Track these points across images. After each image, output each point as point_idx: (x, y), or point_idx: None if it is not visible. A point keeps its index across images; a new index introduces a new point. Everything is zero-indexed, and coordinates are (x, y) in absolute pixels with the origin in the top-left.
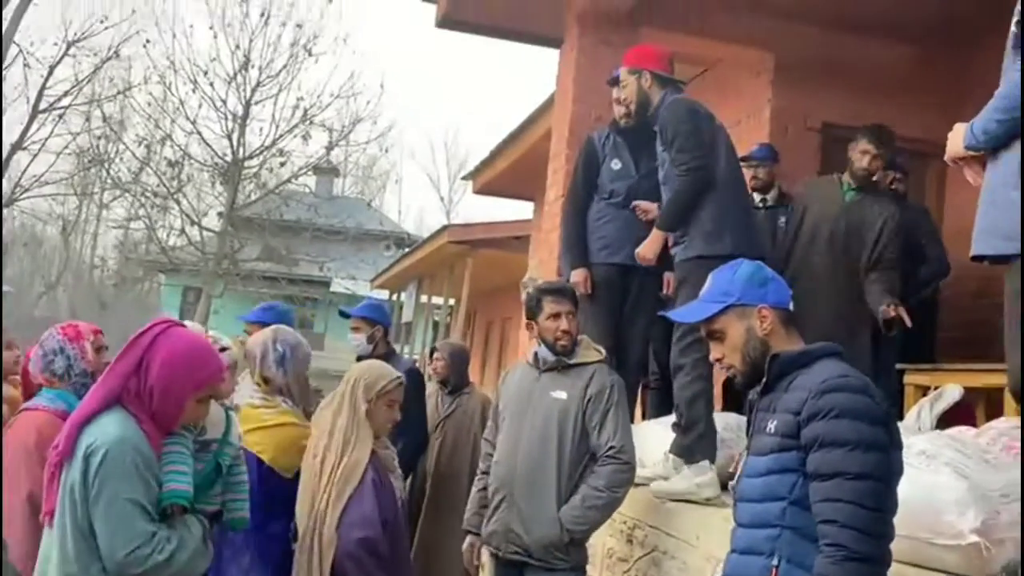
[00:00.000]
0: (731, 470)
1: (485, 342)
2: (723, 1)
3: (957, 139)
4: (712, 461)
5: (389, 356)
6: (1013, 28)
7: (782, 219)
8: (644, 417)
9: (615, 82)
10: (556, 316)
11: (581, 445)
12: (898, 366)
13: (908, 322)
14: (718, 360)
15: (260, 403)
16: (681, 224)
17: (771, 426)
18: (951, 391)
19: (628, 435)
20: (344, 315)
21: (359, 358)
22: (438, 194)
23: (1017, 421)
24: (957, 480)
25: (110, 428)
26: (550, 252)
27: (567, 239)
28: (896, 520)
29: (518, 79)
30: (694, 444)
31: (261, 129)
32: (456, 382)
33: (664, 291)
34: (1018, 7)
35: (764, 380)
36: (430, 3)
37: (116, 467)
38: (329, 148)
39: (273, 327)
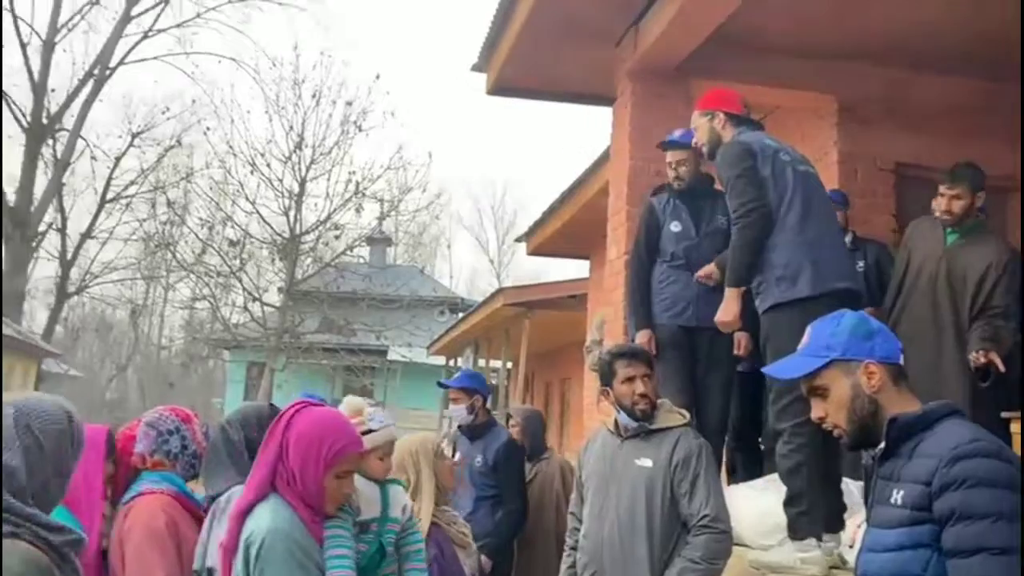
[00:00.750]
0: (849, 544)
1: (545, 404)
2: (774, 46)
3: None
4: (820, 538)
5: (490, 425)
6: None
7: (860, 263)
8: (730, 480)
9: (669, 146)
10: (631, 380)
11: (672, 514)
12: (1004, 415)
13: (1001, 367)
14: (821, 419)
15: None
16: (749, 276)
17: (898, 497)
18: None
19: (721, 501)
20: (443, 386)
21: (460, 427)
22: (487, 257)
23: None
24: None
25: (264, 517)
26: (615, 312)
27: (632, 302)
28: None
29: (562, 140)
30: (797, 519)
31: (316, 204)
32: (533, 447)
33: (736, 351)
34: None
35: (884, 445)
36: (480, 72)
37: (273, 556)
38: (381, 219)
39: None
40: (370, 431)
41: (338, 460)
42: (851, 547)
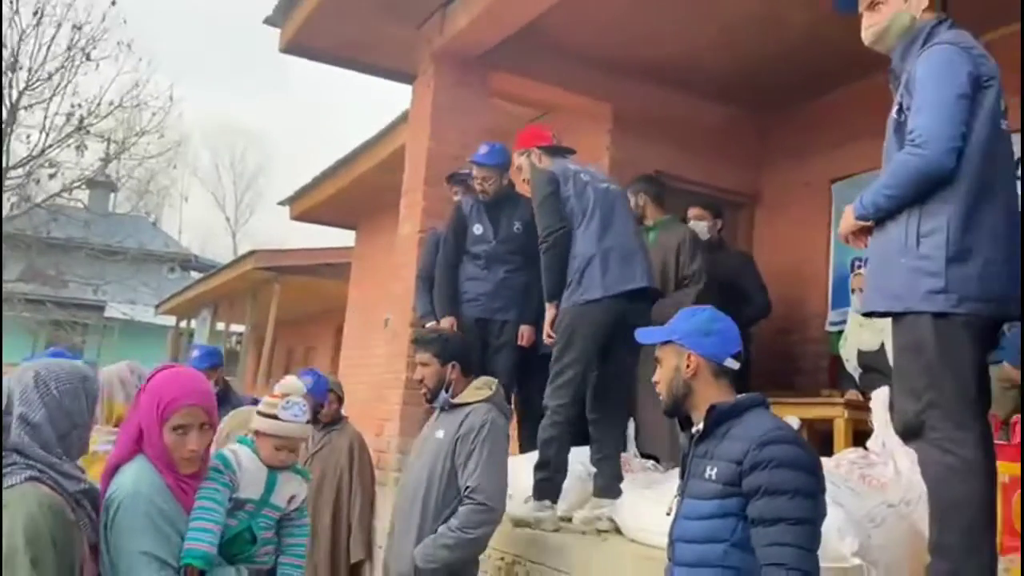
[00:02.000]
0: (666, 512)
1: (286, 371)
2: (564, 52)
3: (848, 215)
4: (554, 502)
5: (226, 392)
6: (893, 114)
7: None
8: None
9: (476, 165)
10: (421, 364)
11: (451, 485)
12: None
13: None
14: (656, 383)
15: None
16: (561, 289)
17: (711, 473)
18: (792, 423)
19: (489, 475)
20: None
21: None
22: (224, 214)
23: (862, 452)
24: (835, 508)
25: (127, 478)
26: (405, 288)
27: (441, 291)
28: None
29: (315, 100)
30: (539, 483)
31: (28, 137)
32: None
33: (519, 341)
34: (896, 96)
35: (701, 427)
36: (274, 27)
37: (129, 519)
38: (107, 161)
39: (127, 361)
40: (274, 417)
41: (170, 413)
42: (668, 514)
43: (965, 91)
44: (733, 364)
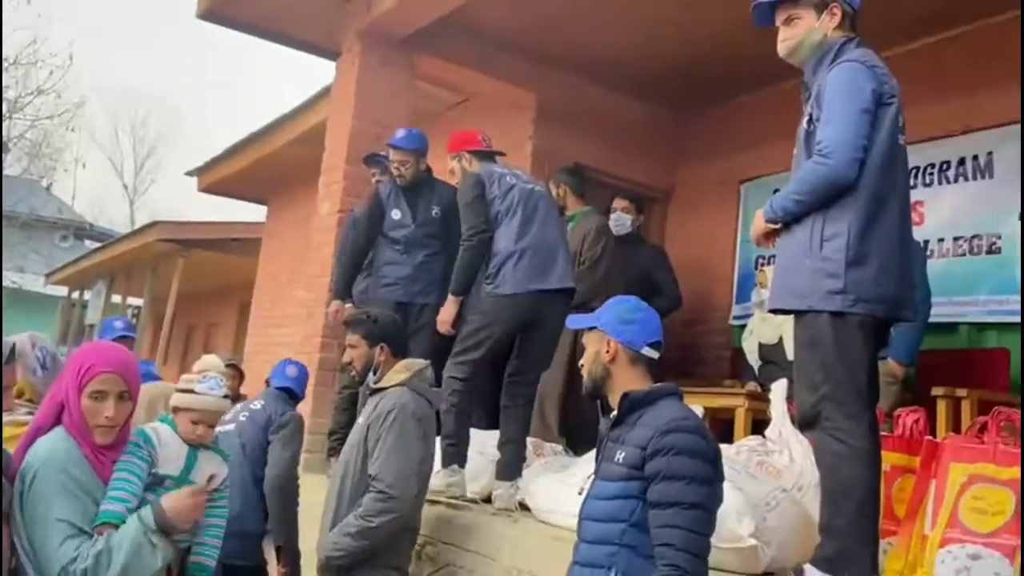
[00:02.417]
0: (579, 492)
1: (185, 348)
2: (491, 39)
3: (759, 219)
4: (461, 467)
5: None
6: (803, 125)
7: None
8: None
9: (394, 149)
10: (350, 346)
11: (365, 471)
12: None
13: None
14: (581, 366)
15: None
16: (467, 288)
17: (620, 456)
18: (696, 412)
19: (392, 463)
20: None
21: None
22: (121, 181)
23: (760, 440)
24: (734, 492)
25: (42, 448)
26: (322, 268)
27: (343, 272)
28: None
29: (223, 68)
30: (446, 449)
31: None
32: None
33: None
34: (807, 108)
35: (616, 414)
36: None
37: (43, 487)
38: None
39: (29, 333)
40: (191, 392)
41: (88, 379)
42: (580, 494)
43: (868, 106)
44: (651, 352)
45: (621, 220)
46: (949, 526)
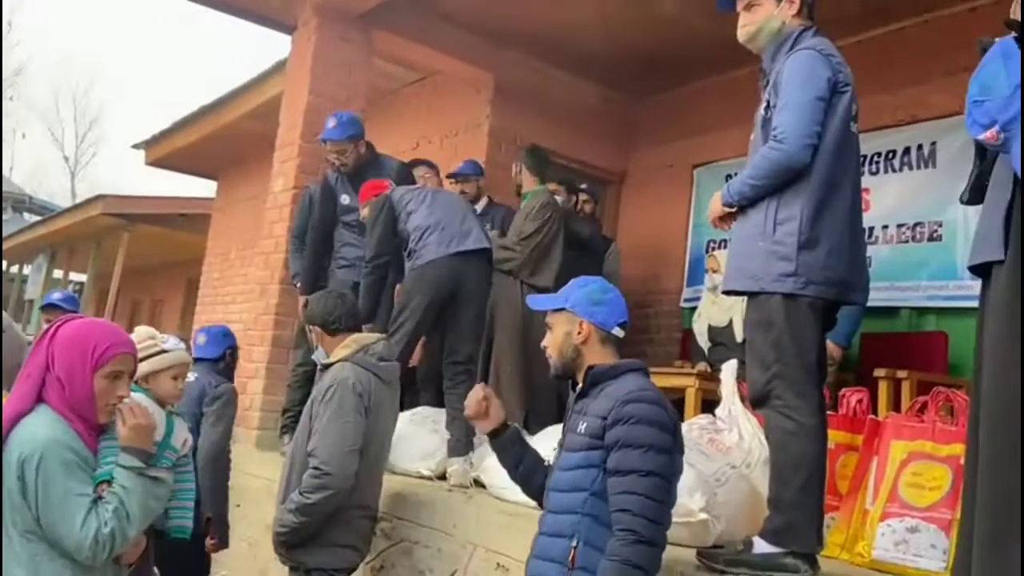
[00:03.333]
0: (547, 463)
1: (130, 324)
2: (449, 18)
3: (716, 202)
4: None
5: None
6: (761, 111)
7: (488, 224)
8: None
9: (328, 142)
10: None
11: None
12: None
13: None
14: (545, 348)
15: None
16: (372, 315)
17: (582, 427)
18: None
19: (327, 439)
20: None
21: None
22: (62, 153)
23: (710, 419)
24: (686, 468)
25: (39, 429)
26: (275, 245)
27: (307, 265)
28: None
29: (159, 36)
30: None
31: None
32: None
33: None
34: (764, 94)
35: (580, 386)
36: None
37: (55, 467)
38: None
39: None
40: (163, 352)
41: (107, 359)
42: (547, 465)
43: (823, 94)
44: (619, 332)
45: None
46: (889, 500)
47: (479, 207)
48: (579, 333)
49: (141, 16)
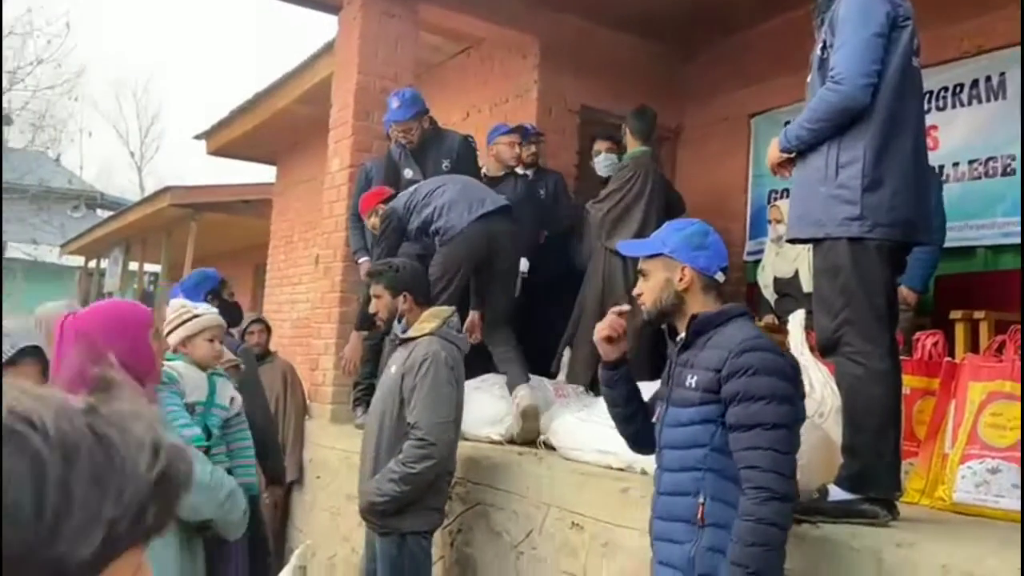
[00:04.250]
0: (653, 420)
1: None
2: None
3: (774, 148)
4: None
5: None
6: (817, 51)
7: (541, 190)
8: None
9: (394, 123)
10: (375, 296)
11: (402, 419)
12: None
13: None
14: (638, 295)
15: None
16: (371, 324)
17: (692, 381)
18: None
19: (428, 410)
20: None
21: None
22: (128, 149)
23: None
24: None
25: None
26: (336, 224)
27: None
28: None
29: (213, 28)
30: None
31: None
32: (265, 350)
33: None
34: (820, 34)
35: (683, 337)
36: None
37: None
38: None
39: (66, 301)
40: (195, 316)
41: (150, 321)
42: (654, 422)
43: (882, 30)
44: (720, 277)
45: (608, 160)
46: (969, 443)
47: (531, 173)
48: (680, 279)
49: (189, 10)
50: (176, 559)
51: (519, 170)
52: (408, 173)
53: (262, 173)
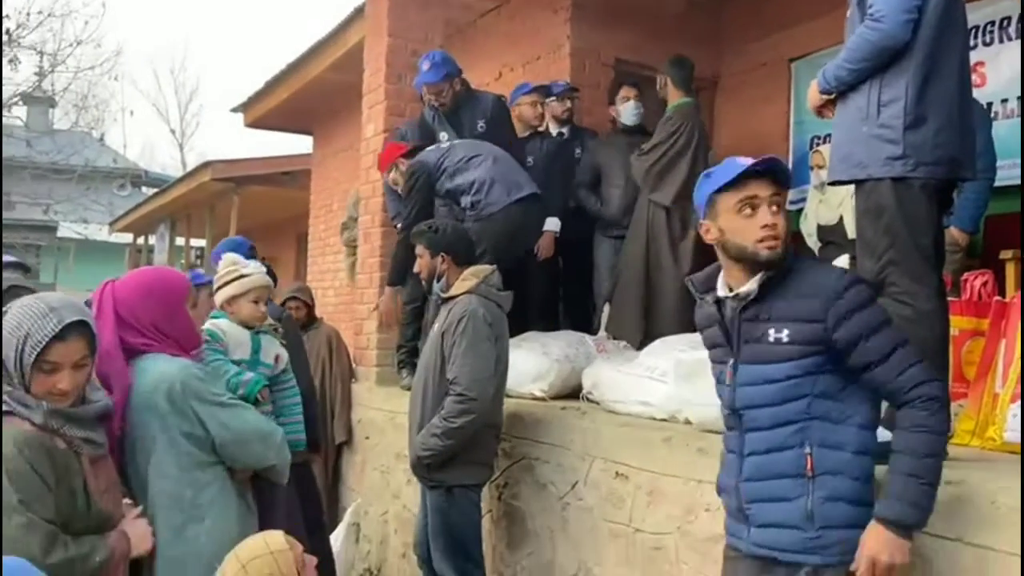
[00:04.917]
0: (719, 381)
1: None
2: None
3: (814, 90)
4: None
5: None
6: None
7: (577, 150)
8: None
9: (425, 86)
10: (418, 256)
11: (444, 375)
12: None
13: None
14: (778, 236)
15: None
16: (403, 277)
17: (781, 335)
18: None
19: (467, 366)
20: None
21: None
22: (168, 126)
23: None
24: None
25: (163, 364)
26: (373, 189)
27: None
28: None
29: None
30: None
31: None
32: (310, 317)
33: None
34: None
35: (746, 291)
36: None
37: (203, 384)
38: (41, 75)
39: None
40: (243, 276)
41: (188, 290)
42: (722, 383)
43: None
44: None
45: (637, 108)
46: (1020, 382)
47: (566, 131)
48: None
49: None
50: (236, 507)
51: (553, 129)
52: (443, 136)
53: (300, 145)
